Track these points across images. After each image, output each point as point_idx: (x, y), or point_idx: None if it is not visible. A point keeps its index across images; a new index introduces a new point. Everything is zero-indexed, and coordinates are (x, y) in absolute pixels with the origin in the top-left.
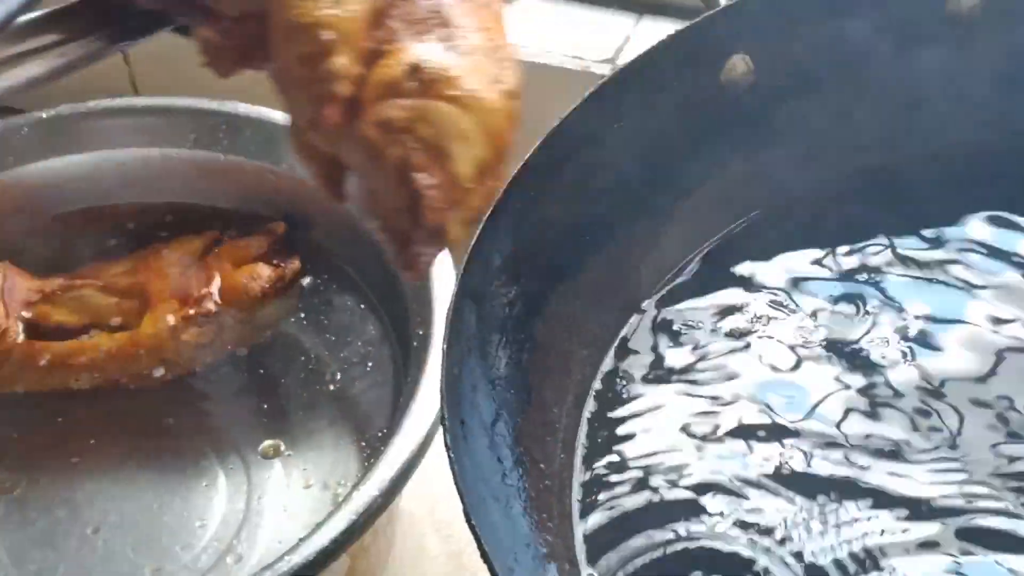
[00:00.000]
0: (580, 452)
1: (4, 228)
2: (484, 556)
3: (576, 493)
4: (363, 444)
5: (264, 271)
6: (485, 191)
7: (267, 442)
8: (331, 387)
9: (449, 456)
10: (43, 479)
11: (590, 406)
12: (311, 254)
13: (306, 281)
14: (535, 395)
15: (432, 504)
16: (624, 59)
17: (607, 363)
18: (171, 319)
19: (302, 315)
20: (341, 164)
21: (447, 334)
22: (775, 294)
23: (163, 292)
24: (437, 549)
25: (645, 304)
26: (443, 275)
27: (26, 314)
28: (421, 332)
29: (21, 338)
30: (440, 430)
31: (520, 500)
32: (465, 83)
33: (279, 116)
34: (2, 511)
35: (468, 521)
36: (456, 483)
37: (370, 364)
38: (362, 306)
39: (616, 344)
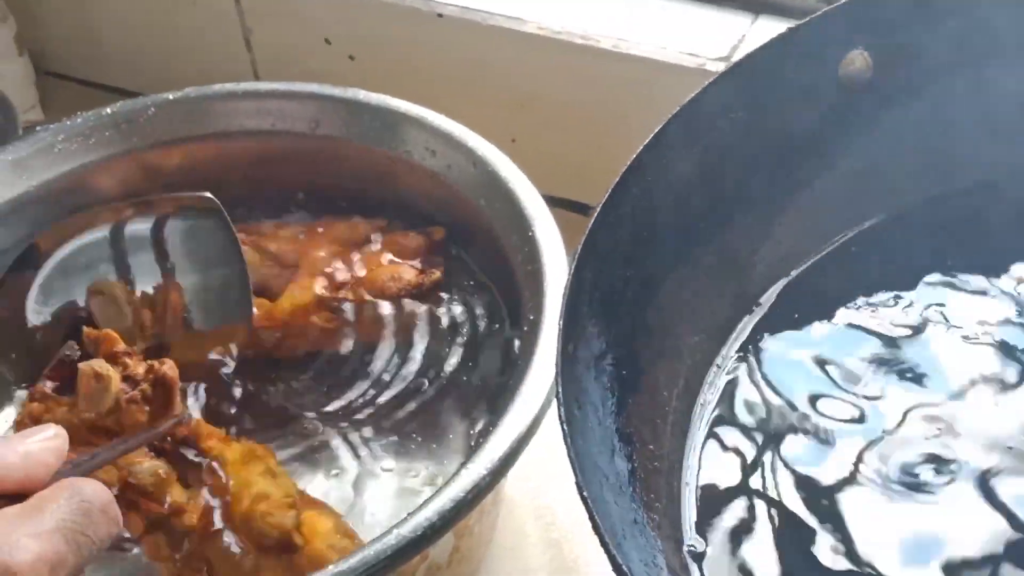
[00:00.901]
0: (689, 436)
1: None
2: (596, 528)
3: (685, 476)
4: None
5: (407, 275)
6: None
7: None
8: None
9: (563, 429)
10: None
11: (701, 390)
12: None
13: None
14: (646, 378)
15: (535, 492)
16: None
17: (719, 350)
18: (309, 297)
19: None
20: None
21: (563, 312)
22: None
23: (314, 268)
24: (538, 536)
25: (759, 295)
26: (555, 262)
27: None
28: (532, 317)
29: None
30: (547, 414)
31: (629, 479)
32: None
33: (399, 104)
34: None
35: (580, 493)
36: (569, 456)
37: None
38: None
39: (731, 333)
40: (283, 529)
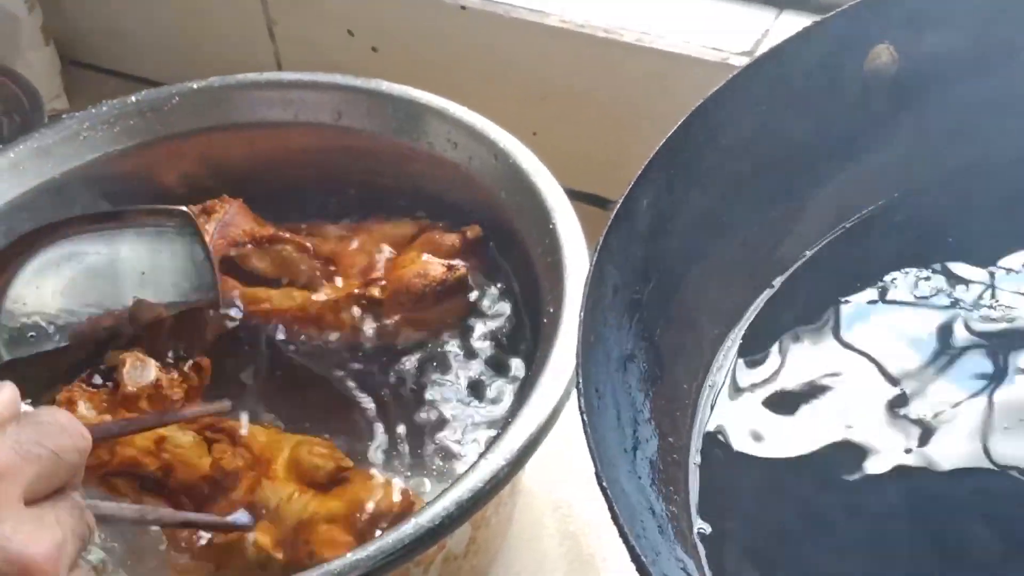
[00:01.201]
0: (697, 418)
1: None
2: (615, 519)
3: (692, 458)
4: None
5: (433, 271)
6: None
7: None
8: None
9: (582, 420)
10: None
11: (710, 373)
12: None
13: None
14: (667, 370)
15: (552, 485)
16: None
17: (738, 343)
18: (341, 294)
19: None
20: None
21: (584, 303)
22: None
23: (353, 266)
24: (555, 527)
25: (777, 285)
26: (575, 254)
27: (231, 252)
28: (552, 309)
29: None
30: (566, 405)
31: (649, 471)
32: None
33: (421, 95)
34: None
35: (600, 484)
36: (589, 447)
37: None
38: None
39: (748, 326)
40: (333, 457)
